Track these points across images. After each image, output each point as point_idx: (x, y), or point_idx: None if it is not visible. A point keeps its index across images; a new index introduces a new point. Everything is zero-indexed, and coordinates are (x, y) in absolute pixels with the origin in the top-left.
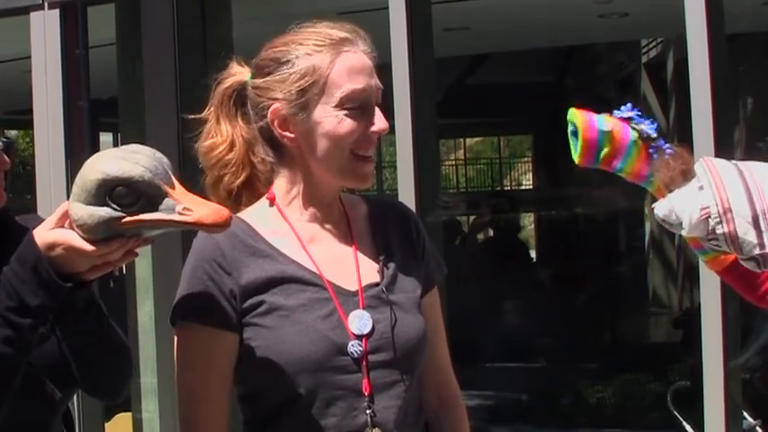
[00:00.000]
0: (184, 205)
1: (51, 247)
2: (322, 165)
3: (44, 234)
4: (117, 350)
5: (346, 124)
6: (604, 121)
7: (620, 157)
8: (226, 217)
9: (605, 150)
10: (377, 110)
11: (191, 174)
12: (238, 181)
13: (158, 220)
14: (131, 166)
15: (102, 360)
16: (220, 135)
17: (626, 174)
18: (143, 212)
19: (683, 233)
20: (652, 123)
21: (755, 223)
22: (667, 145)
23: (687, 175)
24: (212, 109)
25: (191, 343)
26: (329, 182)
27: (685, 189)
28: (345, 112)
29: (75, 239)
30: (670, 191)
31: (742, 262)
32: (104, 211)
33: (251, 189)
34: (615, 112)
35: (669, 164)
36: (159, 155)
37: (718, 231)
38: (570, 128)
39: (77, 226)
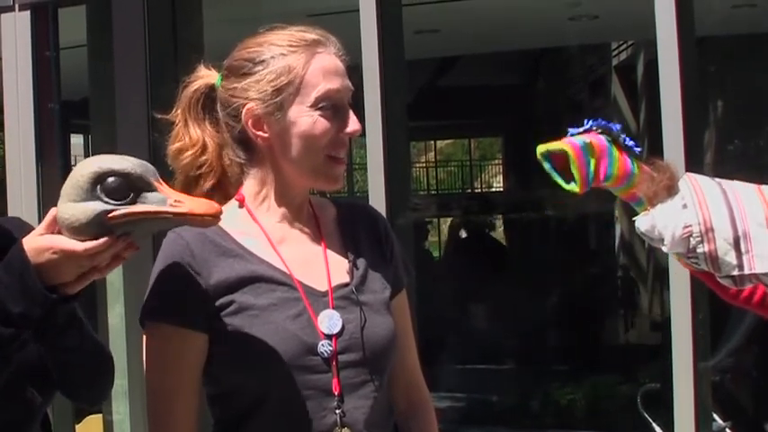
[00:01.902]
0: (175, 198)
1: (40, 251)
2: (294, 165)
3: (33, 240)
4: (99, 363)
5: (321, 124)
6: (577, 138)
7: (607, 161)
8: (218, 209)
9: (593, 162)
10: (350, 111)
11: (162, 176)
12: (208, 184)
13: (150, 212)
14: (123, 162)
15: (84, 373)
16: (189, 138)
17: (615, 179)
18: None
19: (665, 249)
20: (610, 123)
21: (736, 244)
22: (633, 142)
23: (671, 190)
24: (179, 111)
25: (160, 344)
26: (300, 183)
27: (669, 205)
28: (320, 112)
29: (65, 241)
30: (653, 205)
31: (719, 278)
32: (96, 205)
33: (222, 191)
34: (572, 130)
35: (653, 178)
36: (146, 162)
37: (698, 250)
38: (546, 165)
39: (68, 227)
